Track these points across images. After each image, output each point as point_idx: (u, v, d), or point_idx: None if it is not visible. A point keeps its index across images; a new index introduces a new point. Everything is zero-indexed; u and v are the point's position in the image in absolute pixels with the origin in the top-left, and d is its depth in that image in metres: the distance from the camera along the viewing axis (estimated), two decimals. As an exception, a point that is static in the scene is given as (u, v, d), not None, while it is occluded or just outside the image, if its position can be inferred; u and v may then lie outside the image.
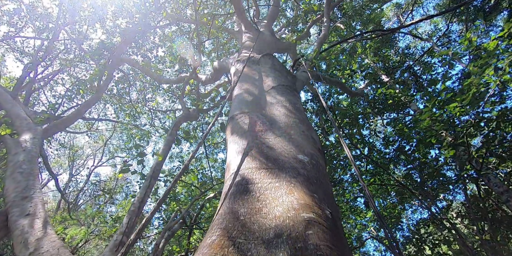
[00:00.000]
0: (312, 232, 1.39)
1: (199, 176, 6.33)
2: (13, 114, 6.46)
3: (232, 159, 2.60)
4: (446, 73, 6.21)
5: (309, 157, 2.53)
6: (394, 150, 8.15)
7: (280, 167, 2.27)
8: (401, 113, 9.48)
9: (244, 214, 1.71)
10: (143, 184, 4.27)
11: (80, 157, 14.38)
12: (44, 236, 3.73)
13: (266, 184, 2.02)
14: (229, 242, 1.47)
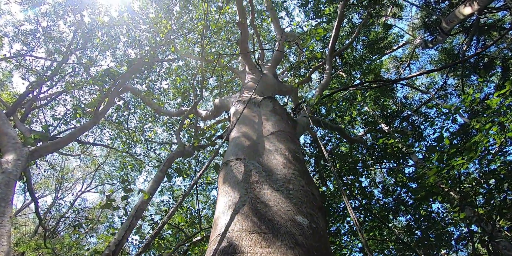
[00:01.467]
0: None
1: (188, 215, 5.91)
2: (2, 132, 6.22)
3: (221, 214, 2.34)
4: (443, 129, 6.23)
5: (309, 220, 2.28)
6: (394, 199, 7.86)
7: (275, 231, 2.01)
8: (401, 163, 9.33)
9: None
10: (123, 223, 3.90)
11: (68, 180, 13.77)
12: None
13: (258, 255, 1.75)
14: None
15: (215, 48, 10.35)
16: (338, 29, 5.96)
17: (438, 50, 14.80)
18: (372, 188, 9.46)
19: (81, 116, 8.41)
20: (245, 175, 2.84)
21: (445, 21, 9.80)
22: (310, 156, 8.39)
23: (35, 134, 6.92)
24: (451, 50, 13.84)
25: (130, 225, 4.00)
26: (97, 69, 11.29)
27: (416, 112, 11.89)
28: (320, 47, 11.61)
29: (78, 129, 7.60)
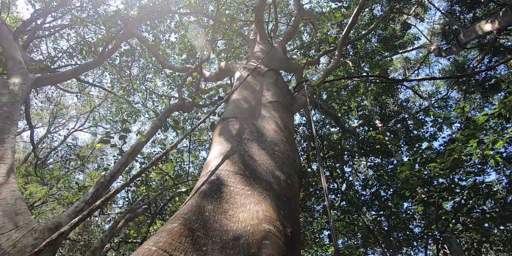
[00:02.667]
0: (269, 242, 1.49)
1: (177, 167, 6.29)
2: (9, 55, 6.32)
3: (213, 158, 2.69)
4: (434, 134, 6.55)
5: (286, 176, 2.65)
6: (371, 193, 8.35)
7: (256, 177, 2.37)
8: (385, 161, 9.80)
9: (209, 211, 1.79)
10: (119, 159, 4.25)
11: (62, 116, 13.95)
12: (5, 183, 3.64)
13: (239, 189, 2.11)
14: (189, 232, 1.54)
15: (229, 10, 10.18)
16: (356, 17, 6.01)
17: (450, 60, 14.84)
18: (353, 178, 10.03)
19: (87, 54, 8.42)
20: (239, 131, 3.16)
21: (464, 33, 9.82)
22: (301, 136, 8.76)
23: (36, 63, 7.00)
24: (462, 64, 13.88)
25: (126, 161, 4.35)
26: (105, 9, 11.01)
27: (412, 117, 12.19)
28: (335, 32, 11.54)
29: (82, 66, 7.68)
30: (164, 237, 1.45)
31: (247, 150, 2.81)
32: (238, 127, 3.24)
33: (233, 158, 2.58)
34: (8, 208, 3.36)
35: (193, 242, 1.50)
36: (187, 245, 1.45)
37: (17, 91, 5.46)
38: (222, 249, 1.51)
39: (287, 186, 2.54)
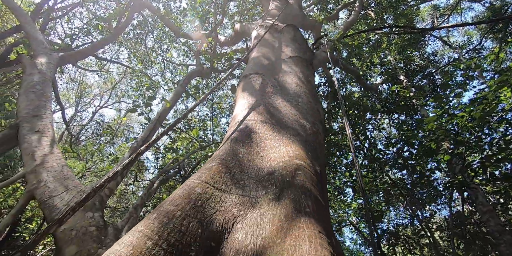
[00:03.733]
0: (301, 172, 1.58)
1: (201, 134, 6.52)
2: (32, 37, 6.51)
3: (239, 112, 2.76)
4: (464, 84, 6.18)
5: (310, 124, 2.69)
6: (394, 152, 8.26)
7: (283, 125, 2.43)
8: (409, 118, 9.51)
9: (243, 153, 1.89)
10: (148, 126, 4.45)
11: (87, 95, 14.57)
12: (50, 153, 3.99)
13: (267, 135, 2.19)
14: (226, 169, 1.66)
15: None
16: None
17: (486, 6, 13.35)
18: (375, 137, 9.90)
19: (103, 29, 8.45)
20: (262, 86, 3.17)
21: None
22: (321, 96, 8.61)
23: (56, 44, 7.17)
24: (499, 8, 12.38)
25: (154, 127, 4.56)
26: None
27: (440, 72, 11.46)
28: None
29: (99, 41, 7.77)
30: (205, 173, 1.58)
31: (271, 102, 2.85)
32: (260, 82, 3.25)
33: (258, 110, 2.63)
34: (57, 174, 3.70)
35: (231, 177, 1.62)
36: (226, 179, 1.57)
37: (45, 70, 5.70)
38: (258, 182, 1.62)
39: (313, 133, 2.59)
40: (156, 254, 1.02)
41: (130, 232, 1.11)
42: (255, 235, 1.15)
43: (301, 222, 1.10)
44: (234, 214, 1.35)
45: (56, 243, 3.07)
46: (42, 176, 3.55)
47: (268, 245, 1.06)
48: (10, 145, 4.44)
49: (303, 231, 1.03)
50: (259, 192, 1.52)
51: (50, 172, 3.64)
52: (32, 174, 3.60)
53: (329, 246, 0.97)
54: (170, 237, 1.10)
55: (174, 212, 1.22)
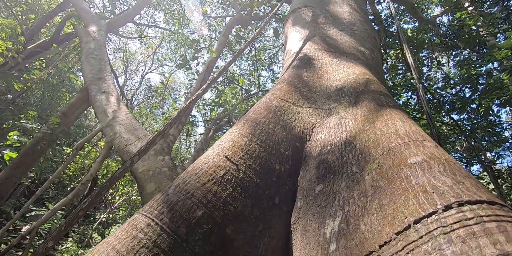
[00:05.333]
0: (373, 83, 1.57)
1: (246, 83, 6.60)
2: (79, 8, 6.82)
3: (293, 44, 2.70)
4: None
5: (369, 51, 2.56)
6: (453, 94, 7.54)
7: (341, 52, 2.35)
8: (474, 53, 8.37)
9: (307, 76, 1.91)
10: (198, 77, 4.62)
11: (132, 63, 15.35)
12: (119, 109, 4.44)
13: (328, 60, 2.15)
14: (295, 89, 1.71)
15: None
16: None
17: None
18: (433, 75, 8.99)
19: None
20: (313, 18, 3.02)
21: None
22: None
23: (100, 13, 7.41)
24: None
25: (204, 78, 4.72)
26: None
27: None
28: None
29: (138, 3, 7.83)
30: (277, 92, 1.65)
31: (325, 32, 2.73)
32: (311, 14, 3.09)
33: (314, 40, 2.55)
34: (127, 126, 4.15)
35: (301, 95, 1.67)
36: (297, 96, 1.63)
37: (98, 37, 6.04)
38: (327, 98, 1.66)
39: (372, 58, 2.48)
40: (252, 148, 1.16)
41: (227, 133, 1.25)
42: (339, 132, 1.22)
43: (388, 111, 1.13)
44: (312, 122, 1.43)
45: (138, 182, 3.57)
46: (116, 128, 4.03)
47: (355, 134, 1.12)
48: (84, 106, 5.02)
49: (392, 116, 1.07)
50: (331, 104, 1.57)
51: (122, 125, 4.11)
52: (108, 127, 4.11)
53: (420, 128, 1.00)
54: (261, 136, 1.23)
55: (259, 118, 1.33)
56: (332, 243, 0.75)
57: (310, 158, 1.19)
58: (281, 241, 0.97)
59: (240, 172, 1.01)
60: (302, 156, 1.25)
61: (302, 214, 0.97)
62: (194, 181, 0.96)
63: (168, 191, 0.94)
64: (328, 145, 1.18)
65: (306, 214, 0.94)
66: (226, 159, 1.05)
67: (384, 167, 0.82)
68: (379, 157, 0.88)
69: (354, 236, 0.72)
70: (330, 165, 1.04)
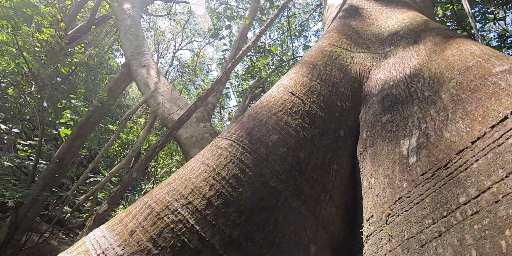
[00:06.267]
0: (432, 22, 1.47)
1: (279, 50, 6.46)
2: (110, -15, 6.93)
3: (334, 0, 2.58)
4: None
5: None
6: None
7: (390, 0, 2.20)
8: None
9: (356, 25, 1.84)
10: (233, 45, 4.61)
11: (163, 41, 15.59)
12: (159, 81, 4.62)
13: (376, 9, 2.04)
14: (346, 36, 1.66)
15: None
16: None
17: None
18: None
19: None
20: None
21: None
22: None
23: None
24: None
25: (238, 46, 4.70)
26: None
27: None
28: None
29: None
30: (327, 39, 1.61)
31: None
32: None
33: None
34: (169, 96, 4.34)
35: (352, 41, 1.62)
36: (349, 43, 1.59)
37: (133, 14, 6.17)
38: (381, 43, 1.60)
39: (424, 6, 2.30)
40: (314, 85, 1.17)
41: (285, 75, 1.28)
42: (401, 69, 1.19)
43: (458, 40, 1.08)
44: (368, 65, 1.40)
45: (182, 148, 3.77)
46: (159, 99, 4.24)
47: (421, 67, 1.09)
48: (127, 80, 5.29)
49: (463, 43, 1.02)
50: (386, 48, 1.51)
51: (163, 96, 4.30)
52: (151, 98, 4.33)
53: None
54: (320, 76, 1.23)
55: (315, 62, 1.33)
56: (411, 157, 0.78)
57: (371, 96, 1.19)
58: (348, 171, 1.00)
59: (305, 105, 1.04)
60: (361, 95, 1.25)
61: (369, 143, 0.99)
62: (265, 111, 1.01)
63: (242, 120, 1.00)
64: (390, 81, 1.16)
65: (374, 142, 0.96)
66: (291, 94, 1.08)
67: (464, 82, 0.80)
68: (456, 76, 0.85)
69: (438, 144, 0.73)
70: (395, 97, 1.04)
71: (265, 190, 0.79)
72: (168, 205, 0.72)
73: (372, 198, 0.83)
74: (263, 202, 0.77)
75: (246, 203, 0.75)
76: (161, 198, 0.76)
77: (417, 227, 0.64)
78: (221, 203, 0.73)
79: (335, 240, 0.86)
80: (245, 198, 0.75)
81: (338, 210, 0.90)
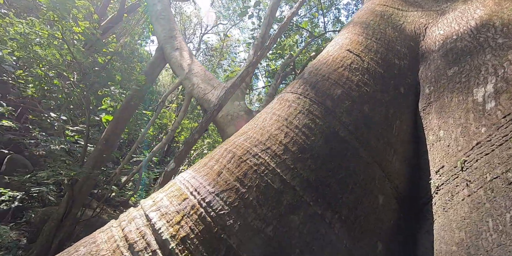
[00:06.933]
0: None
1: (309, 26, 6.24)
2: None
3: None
4: None
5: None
6: None
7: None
8: None
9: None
10: (263, 22, 4.54)
11: (189, 26, 15.65)
12: (192, 63, 4.71)
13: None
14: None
15: None
16: None
17: None
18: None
19: None
20: None
21: None
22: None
23: None
24: None
25: (268, 22, 4.61)
26: None
27: None
28: None
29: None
30: (376, 0, 1.54)
31: None
32: None
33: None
34: (203, 77, 4.42)
35: (402, 0, 1.53)
36: (399, 2, 1.52)
37: (161, -3, 6.22)
38: (435, 0, 1.49)
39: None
40: (370, 44, 1.15)
41: (339, 35, 1.25)
42: (463, 23, 1.13)
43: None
44: (423, 23, 1.33)
45: (218, 126, 3.85)
46: (193, 80, 4.33)
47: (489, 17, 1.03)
48: (162, 64, 5.44)
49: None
50: (442, 5, 1.42)
51: (197, 76, 4.38)
52: (186, 80, 4.44)
53: None
54: (375, 34, 1.20)
55: (367, 21, 1.28)
56: (488, 103, 0.75)
57: (430, 52, 1.14)
58: (410, 128, 0.99)
59: (364, 62, 1.03)
60: (418, 53, 1.20)
61: (433, 98, 0.96)
62: (325, 68, 1.01)
63: (304, 76, 1.02)
64: (452, 35, 1.09)
65: (440, 96, 0.93)
66: (348, 51, 1.07)
67: (552, 22, 0.75)
68: (539, 18, 0.79)
69: (523, 86, 0.70)
70: (461, 49, 0.99)
71: (335, 139, 0.81)
72: (248, 150, 0.77)
73: (441, 149, 0.82)
74: (334, 151, 0.79)
75: (319, 150, 0.77)
76: (240, 144, 0.81)
77: (502, 167, 0.63)
78: (297, 149, 0.76)
79: (400, 193, 0.87)
80: (318, 146, 0.78)
81: (402, 165, 0.90)
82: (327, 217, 0.69)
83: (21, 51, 4.78)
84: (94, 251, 0.60)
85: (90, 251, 0.60)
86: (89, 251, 0.60)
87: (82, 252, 0.61)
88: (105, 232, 0.66)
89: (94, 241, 0.63)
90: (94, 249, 0.61)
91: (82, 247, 0.63)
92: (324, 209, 0.69)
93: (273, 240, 0.64)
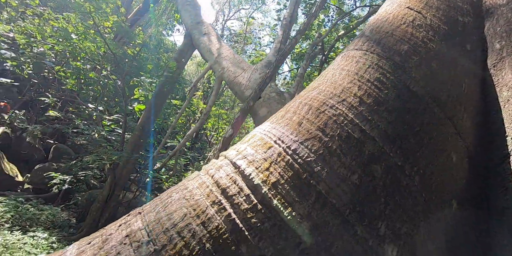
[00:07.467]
0: None
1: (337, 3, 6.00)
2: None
3: None
4: None
5: None
6: None
7: None
8: None
9: None
10: (290, 1, 4.43)
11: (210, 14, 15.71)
12: (221, 46, 4.71)
13: None
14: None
15: None
16: None
17: None
18: None
19: None
20: None
21: None
22: None
23: None
24: None
25: (296, 2, 4.49)
26: None
27: None
28: None
29: None
30: None
31: None
32: None
33: None
34: (232, 60, 4.43)
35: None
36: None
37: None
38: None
39: None
40: (429, 1, 1.09)
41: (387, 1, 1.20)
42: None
43: None
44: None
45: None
46: (223, 64, 4.35)
47: None
48: (191, 50, 5.51)
49: None
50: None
51: (227, 60, 4.40)
52: (215, 64, 4.46)
53: None
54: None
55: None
56: None
57: (497, 7, 1.06)
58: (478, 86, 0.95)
59: (426, 19, 0.98)
60: (482, 10, 1.12)
61: (506, 53, 0.91)
62: (387, 25, 0.98)
63: (365, 34, 1.00)
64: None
65: (514, 49, 0.88)
66: (408, 8, 1.02)
67: None
68: None
69: None
70: (536, -1, 0.91)
71: (408, 93, 0.80)
72: (324, 101, 0.78)
73: (519, 105, 0.78)
74: (408, 104, 0.78)
75: (393, 103, 0.77)
76: (314, 97, 0.82)
77: None
78: (372, 102, 0.76)
79: (471, 153, 0.85)
80: (392, 99, 0.78)
81: (472, 124, 0.87)
82: (407, 169, 0.69)
83: (61, 44, 5.03)
84: (188, 195, 0.65)
85: (184, 196, 0.65)
86: (182, 196, 0.65)
87: (176, 197, 0.66)
88: (194, 179, 0.71)
89: (185, 187, 0.69)
90: (187, 194, 0.66)
91: (174, 193, 0.68)
92: (404, 161, 0.69)
93: (359, 188, 0.66)
